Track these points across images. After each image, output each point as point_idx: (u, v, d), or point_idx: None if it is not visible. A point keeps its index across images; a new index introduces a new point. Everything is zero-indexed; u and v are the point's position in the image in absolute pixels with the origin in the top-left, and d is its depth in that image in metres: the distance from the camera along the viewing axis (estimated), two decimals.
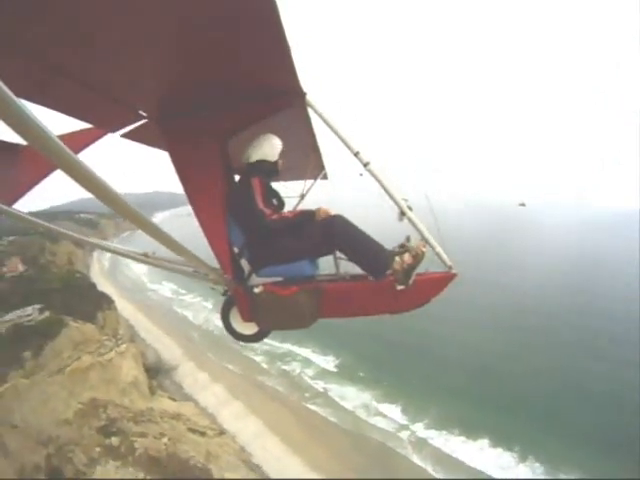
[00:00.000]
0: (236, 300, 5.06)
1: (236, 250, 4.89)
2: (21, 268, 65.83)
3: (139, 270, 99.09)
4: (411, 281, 4.47)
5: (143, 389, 42.47)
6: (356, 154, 4.45)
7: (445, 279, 4.68)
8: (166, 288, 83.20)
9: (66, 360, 38.74)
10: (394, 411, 41.61)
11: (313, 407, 41.88)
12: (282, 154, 5.15)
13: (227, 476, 30.81)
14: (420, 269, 4.57)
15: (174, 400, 43.51)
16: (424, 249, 4.47)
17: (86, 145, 5.01)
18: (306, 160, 6.48)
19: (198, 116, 4.44)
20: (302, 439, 36.77)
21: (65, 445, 29.19)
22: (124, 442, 30.10)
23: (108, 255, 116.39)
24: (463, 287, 65.49)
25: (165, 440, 31.86)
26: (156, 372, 50.35)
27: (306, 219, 4.80)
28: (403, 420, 40.28)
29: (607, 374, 45.73)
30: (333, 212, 4.85)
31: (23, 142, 1.97)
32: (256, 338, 5.45)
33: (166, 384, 48.80)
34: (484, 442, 37.14)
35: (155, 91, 4.02)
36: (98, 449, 28.89)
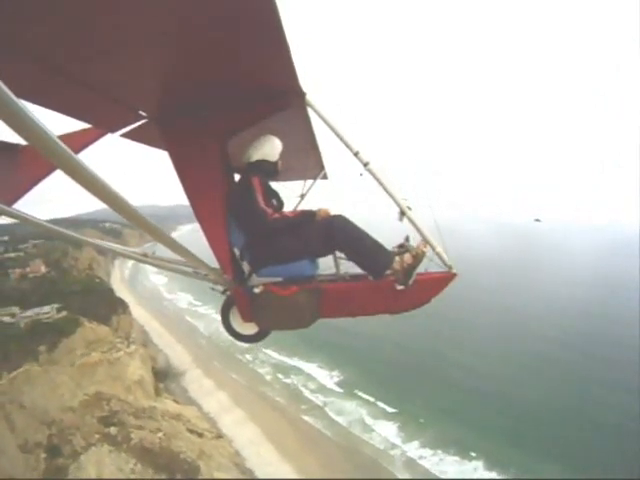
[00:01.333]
0: (236, 300, 5.05)
1: (236, 250, 4.88)
2: (43, 270, 69.05)
3: (157, 280, 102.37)
4: (411, 281, 4.47)
5: (148, 389, 44.90)
6: (356, 154, 4.45)
7: (445, 279, 4.67)
8: (182, 299, 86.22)
9: (79, 357, 41.42)
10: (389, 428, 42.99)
11: (309, 419, 43.66)
12: (282, 154, 5.17)
13: (216, 475, 32.50)
14: (420, 269, 4.57)
15: (178, 403, 46.09)
16: (424, 249, 4.47)
17: (86, 145, 5.00)
18: (306, 160, 6.48)
19: (198, 116, 4.45)
20: (296, 449, 38.65)
21: (67, 428, 31.62)
22: (121, 432, 32.38)
23: (130, 264, 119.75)
24: (474, 310, 66.22)
25: (160, 435, 33.99)
26: (165, 376, 53.28)
27: (307, 219, 4.80)
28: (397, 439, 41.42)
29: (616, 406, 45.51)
30: (333, 212, 4.87)
31: (23, 142, 1.97)
32: (256, 338, 5.43)
33: (172, 388, 51.34)
34: (478, 464, 38.15)
35: (155, 91, 4.03)
36: (97, 436, 31.06)
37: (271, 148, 5.08)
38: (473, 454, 38.99)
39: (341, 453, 38.72)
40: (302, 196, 7.14)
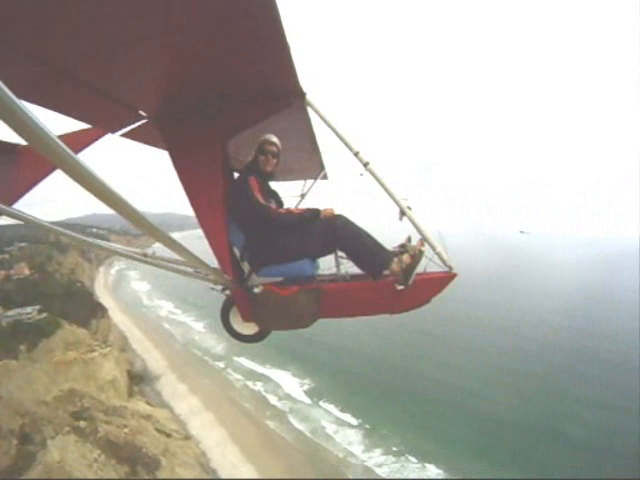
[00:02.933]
0: (236, 300, 5.07)
1: (236, 250, 4.88)
2: (27, 272, 71.57)
3: (140, 287, 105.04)
4: (411, 281, 4.48)
5: (121, 389, 47.67)
6: (356, 154, 4.48)
7: (445, 279, 4.68)
8: (162, 306, 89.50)
9: (57, 358, 44.05)
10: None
11: (273, 424, 45.99)
12: (282, 154, 5.18)
13: (177, 470, 34.88)
14: (419, 269, 4.57)
15: (150, 405, 48.52)
16: (423, 249, 4.48)
17: (86, 145, 5.00)
18: (306, 160, 6.50)
19: (198, 116, 4.47)
20: (259, 451, 40.94)
21: (39, 420, 34.18)
22: (90, 426, 34.80)
23: (113, 271, 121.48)
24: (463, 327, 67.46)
25: (126, 430, 36.39)
26: (141, 379, 56.35)
27: (312, 217, 4.82)
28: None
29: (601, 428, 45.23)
30: (336, 212, 4.88)
31: (23, 142, 1.97)
32: (256, 338, 5.45)
33: (147, 391, 54.22)
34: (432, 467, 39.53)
35: (155, 91, 4.06)
36: (67, 428, 33.55)
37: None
38: (433, 465, 40.18)
39: (302, 457, 40.95)
40: (302, 196, 7.13)
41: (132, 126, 4.68)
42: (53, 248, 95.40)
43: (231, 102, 4.38)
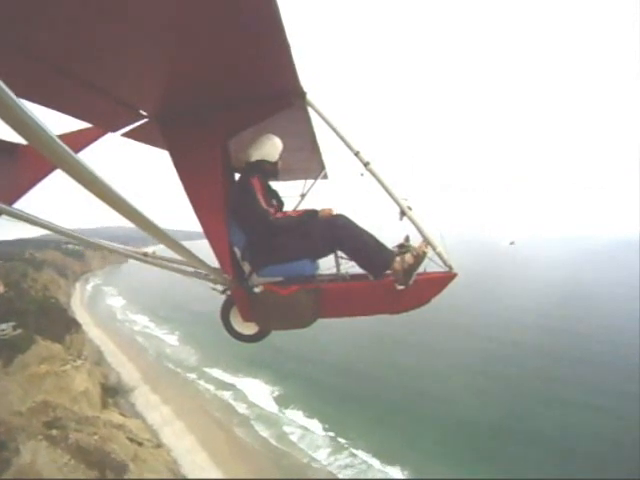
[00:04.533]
0: (236, 300, 5.15)
1: (237, 250, 4.95)
2: (1, 289, 73.01)
3: (115, 303, 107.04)
4: (411, 281, 4.55)
5: (94, 401, 49.63)
6: (356, 154, 4.56)
7: (445, 279, 4.76)
8: (137, 321, 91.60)
9: (30, 371, 46.37)
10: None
11: (242, 431, 48.10)
12: (282, 154, 5.28)
13: (146, 476, 37.20)
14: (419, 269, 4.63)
15: (123, 416, 50.22)
16: (425, 249, 4.55)
17: (86, 145, 5.05)
18: (306, 160, 6.56)
19: (199, 116, 4.54)
20: (228, 457, 43.95)
21: (14, 429, 36.25)
22: (61, 434, 37.04)
23: (89, 286, 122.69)
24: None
25: (96, 437, 38.74)
26: (115, 392, 57.98)
27: (310, 218, 4.92)
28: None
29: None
30: (336, 212, 4.97)
31: (23, 142, 2.15)
32: (256, 338, 5.54)
33: (122, 402, 56.02)
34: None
35: (156, 91, 4.13)
36: (40, 436, 35.93)
37: (271, 148, 5.18)
38: (398, 468, 40.81)
39: (268, 462, 42.77)
40: (302, 196, 7.17)
41: (132, 125, 4.76)
42: (28, 265, 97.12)
43: (231, 102, 4.44)
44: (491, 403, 50.35)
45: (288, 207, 5.61)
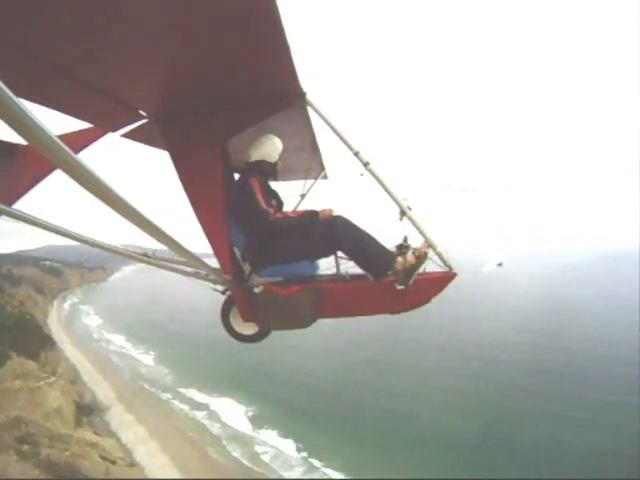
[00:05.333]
0: (236, 300, 5.20)
1: (237, 250, 4.99)
2: None
3: (92, 322, 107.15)
4: (412, 281, 4.59)
5: (67, 418, 49.86)
6: (356, 154, 4.61)
7: (445, 279, 4.83)
8: (113, 341, 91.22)
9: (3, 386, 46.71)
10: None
11: (214, 451, 48.55)
12: (282, 154, 5.34)
13: None
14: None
15: (97, 434, 50.47)
16: (427, 250, 4.60)
17: (86, 145, 5.11)
18: (306, 160, 6.60)
19: (198, 116, 4.60)
20: (200, 473, 44.33)
21: None
22: (33, 449, 37.45)
23: (67, 305, 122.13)
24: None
25: (68, 454, 39.13)
26: (90, 411, 58.10)
27: (310, 219, 4.96)
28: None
29: None
30: (335, 213, 4.99)
31: (23, 142, 2.18)
32: (256, 338, 5.59)
33: (96, 422, 56.06)
34: None
35: (155, 91, 4.18)
36: (11, 451, 36.31)
37: (271, 149, 5.22)
38: None
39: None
40: (302, 196, 7.16)
41: (132, 126, 4.80)
42: (5, 281, 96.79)
43: (231, 102, 4.47)
44: (469, 421, 49.99)
45: (288, 207, 5.70)
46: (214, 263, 4.86)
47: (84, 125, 4.87)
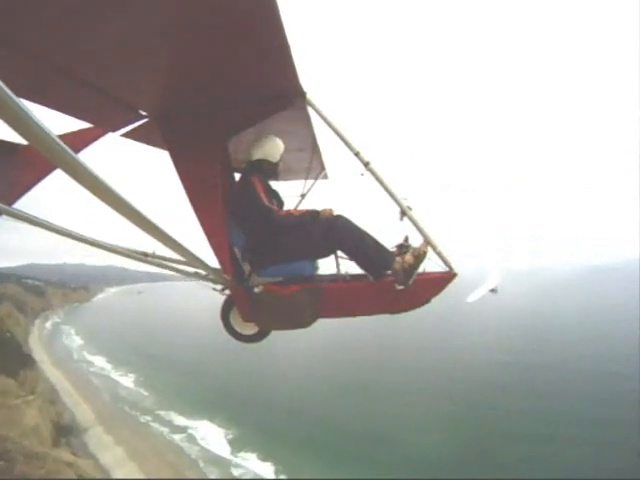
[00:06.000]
0: (236, 300, 5.22)
1: (237, 250, 5.04)
2: None
3: (72, 343, 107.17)
4: (411, 281, 4.60)
5: (44, 437, 49.90)
6: (357, 154, 4.62)
7: (445, 279, 4.84)
8: (94, 362, 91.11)
9: None
10: None
11: (192, 473, 48.99)
12: (283, 156, 5.42)
13: None
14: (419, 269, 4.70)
15: (75, 455, 50.21)
16: (425, 249, 4.62)
17: (86, 145, 5.12)
18: (306, 160, 6.63)
19: (199, 116, 4.62)
20: None
21: None
22: (8, 466, 37.32)
23: (48, 324, 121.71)
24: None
25: (43, 471, 39.05)
26: (69, 431, 57.64)
27: (311, 219, 4.97)
28: None
29: None
30: (335, 213, 5.00)
31: (23, 142, 2.23)
32: (256, 338, 5.63)
33: (74, 442, 55.73)
34: None
35: (156, 91, 4.22)
36: None
37: (273, 149, 5.29)
38: None
39: None
40: (302, 196, 7.15)
41: (132, 125, 4.82)
42: None
43: (231, 102, 4.48)
44: (449, 442, 49.27)
45: (288, 207, 5.69)
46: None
47: (84, 125, 4.89)
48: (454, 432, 51.51)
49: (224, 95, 4.40)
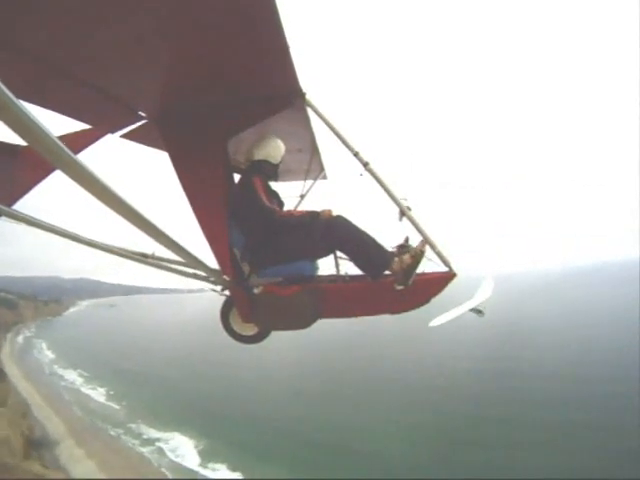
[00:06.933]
0: (236, 301, 5.22)
1: (236, 251, 5.02)
2: None
3: (44, 358, 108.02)
4: (410, 281, 4.59)
5: (15, 449, 50.70)
6: (356, 154, 4.62)
7: (444, 279, 4.84)
8: (65, 376, 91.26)
9: None
10: None
11: None
12: (284, 158, 5.47)
13: None
14: (419, 269, 4.66)
15: (45, 467, 51.01)
16: (424, 249, 4.60)
17: (86, 145, 5.12)
18: (305, 160, 6.63)
19: (198, 116, 4.61)
20: None
21: None
22: None
23: (20, 338, 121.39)
24: None
25: None
26: (40, 445, 58.04)
27: (310, 219, 4.96)
28: None
29: None
30: (335, 213, 4.98)
31: (23, 142, 2.05)
32: (256, 339, 5.63)
33: (46, 455, 56.04)
34: None
35: (155, 92, 4.23)
36: None
37: (276, 150, 5.35)
38: None
39: None
40: (302, 196, 7.14)
41: (132, 126, 4.84)
42: None
43: (231, 102, 4.48)
44: (414, 451, 49.50)
45: (287, 207, 5.73)
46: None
47: (83, 126, 4.91)
48: (421, 441, 51.77)
49: (224, 95, 4.43)
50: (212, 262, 4.83)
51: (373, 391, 68.91)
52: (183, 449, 56.75)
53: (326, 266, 5.22)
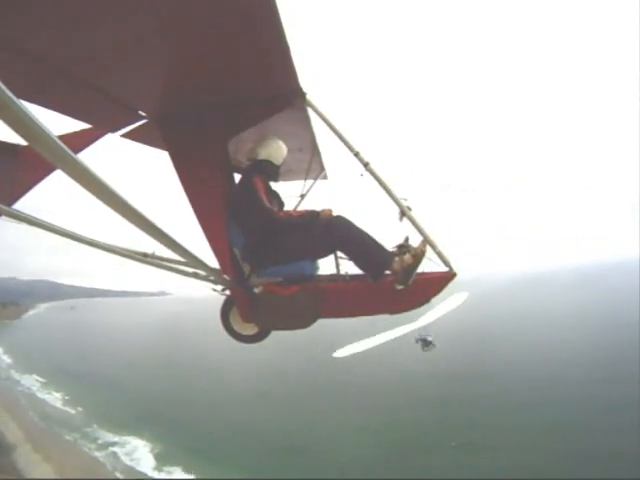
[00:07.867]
0: (236, 301, 5.23)
1: (236, 251, 5.02)
2: None
3: (3, 363, 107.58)
4: (411, 281, 4.60)
5: None
6: (356, 154, 4.63)
7: (444, 279, 4.86)
8: (22, 381, 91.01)
9: None
10: None
11: None
12: (285, 160, 5.49)
13: None
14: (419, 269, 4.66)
15: (3, 471, 51.60)
16: (424, 249, 4.60)
17: (86, 145, 5.15)
18: (306, 160, 6.65)
19: (199, 116, 4.61)
20: None
21: None
22: None
23: None
24: None
25: None
26: None
27: (311, 219, 5.00)
28: None
29: None
30: (335, 213, 5.01)
31: (23, 143, 2.16)
32: (256, 338, 5.65)
33: (3, 461, 56.23)
34: None
35: (155, 91, 4.23)
36: None
37: (278, 151, 5.38)
38: None
39: None
40: (302, 196, 7.16)
41: (132, 126, 4.86)
42: None
43: (231, 102, 4.49)
44: (368, 454, 49.44)
45: (288, 207, 5.76)
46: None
47: (84, 126, 4.94)
48: (375, 444, 51.93)
49: (224, 95, 4.44)
50: (212, 262, 4.88)
51: (331, 395, 68.96)
52: (138, 452, 57.62)
53: (326, 266, 5.26)
